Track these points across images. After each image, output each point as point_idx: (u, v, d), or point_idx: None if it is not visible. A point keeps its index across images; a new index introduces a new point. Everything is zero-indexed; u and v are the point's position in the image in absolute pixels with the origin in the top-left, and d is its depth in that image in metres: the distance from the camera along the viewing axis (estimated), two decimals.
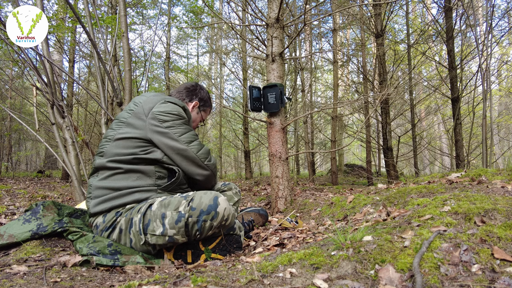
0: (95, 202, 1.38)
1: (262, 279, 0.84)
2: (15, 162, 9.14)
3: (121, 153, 1.39)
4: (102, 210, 1.36)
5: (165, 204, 1.30)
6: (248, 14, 3.43)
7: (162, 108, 1.47)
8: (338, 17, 6.74)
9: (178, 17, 8.65)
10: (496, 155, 7.40)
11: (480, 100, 4.86)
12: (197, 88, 1.81)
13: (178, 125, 1.48)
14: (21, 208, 2.86)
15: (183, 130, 1.48)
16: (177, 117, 1.49)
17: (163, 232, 1.27)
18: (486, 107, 3.72)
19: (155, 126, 1.42)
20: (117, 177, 1.38)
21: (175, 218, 1.26)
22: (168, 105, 1.49)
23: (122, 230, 1.33)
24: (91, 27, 2.76)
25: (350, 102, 5.59)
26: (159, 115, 1.45)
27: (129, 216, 1.34)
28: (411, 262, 0.83)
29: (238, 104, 9.15)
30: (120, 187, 1.37)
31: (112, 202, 1.36)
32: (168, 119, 1.46)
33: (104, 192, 1.38)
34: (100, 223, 1.37)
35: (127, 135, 1.42)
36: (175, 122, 1.48)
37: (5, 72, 7.63)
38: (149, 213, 1.30)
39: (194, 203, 1.28)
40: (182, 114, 1.52)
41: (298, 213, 2.28)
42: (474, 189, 1.50)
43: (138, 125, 1.44)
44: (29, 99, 5.19)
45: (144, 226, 1.29)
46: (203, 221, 1.26)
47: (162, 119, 1.44)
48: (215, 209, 1.28)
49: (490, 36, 4.02)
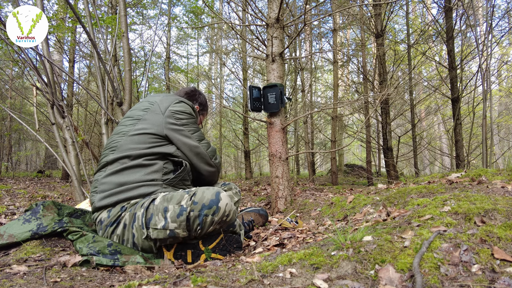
0: (101, 196, 1.39)
1: (262, 279, 0.84)
2: (15, 162, 9.14)
3: (136, 148, 1.45)
4: (107, 204, 1.37)
5: (168, 198, 1.32)
6: (248, 14, 3.43)
7: (178, 107, 1.59)
8: (338, 17, 6.74)
9: (178, 17, 8.66)
10: (496, 155, 7.40)
11: (480, 100, 4.86)
12: (196, 93, 1.93)
13: (191, 123, 1.60)
14: (21, 208, 2.86)
15: (195, 128, 1.61)
16: (190, 116, 1.61)
17: (165, 226, 1.28)
18: (486, 107, 3.72)
19: (172, 124, 1.53)
20: (125, 172, 1.41)
21: (177, 211, 1.27)
22: (182, 105, 1.62)
23: (126, 225, 1.34)
24: (91, 27, 2.77)
25: (350, 102, 5.59)
26: (175, 113, 1.56)
27: (133, 211, 1.35)
28: (411, 262, 0.83)
29: (238, 104, 9.15)
30: (127, 182, 1.39)
31: (118, 196, 1.37)
32: (183, 117, 1.58)
33: (110, 186, 1.39)
34: (105, 218, 1.38)
35: (144, 130, 1.48)
36: (189, 120, 1.60)
37: (5, 72, 7.63)
38: (152, 207, 1.31)
39: (197, 197, 1.30)
40: (194, 114, 1.65)
41: (298, 213, 2.28)
42: (474, 189, 1.50)
43: (155, 121, 1.52)
44: (29, 99, 5.19)
45: (146, 220, 1.30)
46: (205, 215, 1.28)
47: (178, 117, 1.55)
48: (216, 204, 1.30)
49: (490, 36, 4.02)
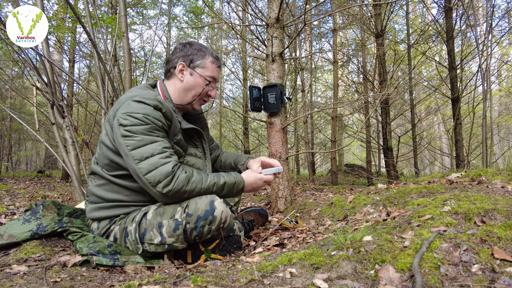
0: (90, 208, 1.37)
1: (262, 279, 0.84)
2: (15, 162, 9.14)
3: (107, 168, 1.32)
4: (96, 217, 1.36)
5: (160, 212, 1.25)
6: (248, 14, 3.43)
7: (125, 108, 1.22)
8: (338, 17, 6.74)
9: (178, 17, 8.66)
10: (496, 155, 7.39)
11: (480, 100, 4.85)
12: (177, 49, 1.42)
13: (135, 134, 1.19)
14: (21, 208, 2.86)
15: (138, 141, 1.19)
16: (138, 122, 1.19)
17: (162, 241, 1.24)
18: (486, 107, 3.72)
19: (116, 133, 1.22)
20: (110, 189, 1.33)
21: (173, 226, 1.22)
22: (130, 105, 1.22)
23: (117, 239, 1.32)
24: (91, 27, 2.76)
25: (350, 102, 5.59)
26: (120, 118, 1.21)
27: (123, 225, 1.31)
28: (411, 262, 0.83)
29: (238, 104, 9.15)
30: (114, 199, 1.33)
31: (105, 212, 1.34)
32: (127, 123, 1.20)
33: (98, 200, 1.35)
34: (95, 229, 1.38)
35: (103, 141, 1.32)
36: (133, 128, 1.19)
37: (5, 72, 7.63)
38: (144, 222, 1.26)
39: (190, 209, 1.21)
40: (147, 118, 1.20)
41: (298, 213, 2.28)
42: (474, 189, 1.50)
43: (108, 130, 1.30)
44: (29, 99, 5.19)
45: (140, 236, 1.26)
46: (201, 226, 1.22)
47: (122, 123, 1.20)
48: (212, 214, 1.22)
49: (490, 36, 4.02)
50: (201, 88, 1.41)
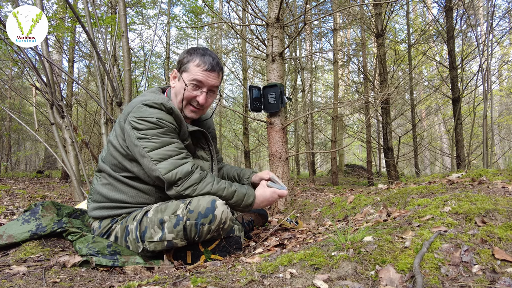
0: (93, 207, 1.39)
1: (262, 280, 0.84)
2: (15, 162, 9.15)
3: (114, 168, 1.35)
4: (98, 216, 1.37)
5: (162, 209, 1.28)
6: (248, 13, 3.43)
7: (138, 112, 1.26)
8: (338, 16, 6.73)
9: (178, 17, 8.65)
10: (496, 155, 7.38)
11: (481, 100, 4.85)
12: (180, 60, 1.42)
13: (152, 136, 1.24)
14: (21, 208, 2.85)
15: (155, 143, 1.25)
16: (153, 126, 1.25)
17: (162, 238, 1.25)
18: (487, 107, 3.72)
19: (131, 136, 1.26)
20: (116, 188, 1.36)
21: (174, 221, 1.24)
22: (144, 110, 1.26)
23: (118, 238, 1.34)
24: (90, 27, 2.76)
25: (350, 102, 5.58)
26: (133, 122, 1.26)
27: (124, 223, 1.33)
28: (411, 262, 0.83)
29: (238, 104, 9.15)
30: (119, 200, 1.35)
31: (109, 211, 1.36)
32: (142, 127, 1.25)
33: (102, 199, 1.37)
34: (96, 228, 1.39)
35: (112, 142, 1.36)
36: (148, 132, 1.24)
37: (5, 72, 7.63)
38: (145, 220, 1.28)
39: (192, 206, 1.25)
40: (162, 122, 1.26)
41: (298, 213, 2.27)
42: (475, 189, 1.50)
43: (119, 132, 1.34)
44: (28, 99, 5.19)
45: (141, 234, 1.28)
46: (201, 224, 1.24)
47: (136, 127, 1.25)
48: (212, 212, 1.24)
49: (491, 36, 4.02)
50: (182, 92, 1.39)
